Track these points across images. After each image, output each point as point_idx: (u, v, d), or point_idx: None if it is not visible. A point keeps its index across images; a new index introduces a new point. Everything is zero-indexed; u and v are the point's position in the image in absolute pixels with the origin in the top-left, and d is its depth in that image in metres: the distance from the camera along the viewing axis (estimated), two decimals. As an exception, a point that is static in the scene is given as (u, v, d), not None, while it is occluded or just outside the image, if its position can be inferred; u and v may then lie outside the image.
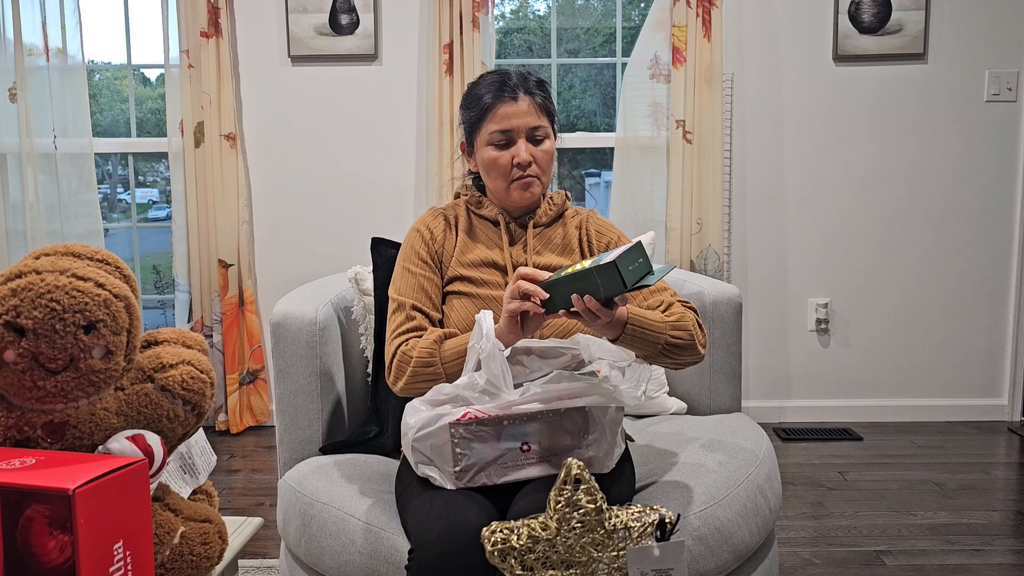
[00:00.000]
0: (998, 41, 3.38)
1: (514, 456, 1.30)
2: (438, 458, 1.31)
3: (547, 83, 1.62)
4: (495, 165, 1.57)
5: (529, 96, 1.55)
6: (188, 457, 1.38)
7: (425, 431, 1.30)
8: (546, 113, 1.58)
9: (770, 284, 3.52)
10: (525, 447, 1.30)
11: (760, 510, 1.54)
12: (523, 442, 1.30)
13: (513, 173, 1.56)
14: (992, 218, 3.47)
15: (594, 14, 4.01)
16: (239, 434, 3.43)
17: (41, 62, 3.32)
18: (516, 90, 1.55)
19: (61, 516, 0.92)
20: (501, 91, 1.55)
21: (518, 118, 1.54)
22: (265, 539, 2.39)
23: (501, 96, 1.55)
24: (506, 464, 1.30)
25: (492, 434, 1.29)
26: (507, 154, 1.55)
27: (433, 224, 1.65)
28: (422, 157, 3.45)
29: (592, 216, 1.71)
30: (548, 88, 1.62)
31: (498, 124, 1.55)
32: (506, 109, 1.54)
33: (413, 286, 1.58)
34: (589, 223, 1.68)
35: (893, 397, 3.56)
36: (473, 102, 1.59)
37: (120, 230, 3.94)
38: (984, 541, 2.37)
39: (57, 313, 1.05)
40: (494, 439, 1.29)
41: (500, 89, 1.55)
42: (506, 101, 1.54)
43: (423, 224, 1.65)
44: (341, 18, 3.36)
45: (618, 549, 1.18)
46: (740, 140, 3.44)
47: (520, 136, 1.55)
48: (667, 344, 1.43)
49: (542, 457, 1.31)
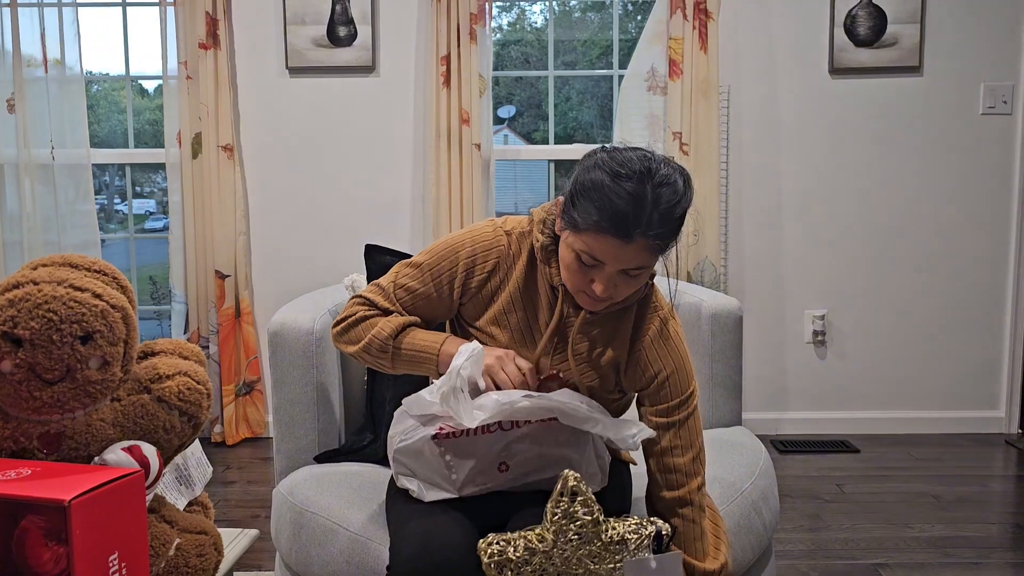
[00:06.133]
0: (993, 54, 3.40)
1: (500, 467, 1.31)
2: (425, 470, 1.31)
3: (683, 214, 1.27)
4: (570, 271, 1.30)
5: (646, 240, 1.22)
6: (184, 468, 1.38)
7: (406, 443, 1.30)
8: (660, 251, 1.27)
9: (767, 296, 3.52)
10: (503, 467, 1.31)
11: (754, 527, 1.53)
12: (501, 461, 1.30)
13: (584, 287, 1.30)
14: (988, 230, 3.48)
15: (591, 27, 4.02)
16: (235, 446, 3.42)
17: (40, 73, 3.32)
18: (632, 232, 1.21)
19: (56, 527, 0.92)
20: (618, 223, 1.21)
21: (619, 259, 1.24)
22: (261, 551, 2.38)
23: (613, 230, 1.22)
24: (503, 469, 1.30)
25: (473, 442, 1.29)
26: (588, 274, 1.28)
27: (482, 262, 1.40)
28: (419, 169, 3.46)
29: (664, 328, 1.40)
30: (680, 223, 1.27)
31: (592, 251, 1.24)
32: (611, 246, 1.23)
33: (407, 299, 1.41)
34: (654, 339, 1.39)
35: (890, 409, 3.55)
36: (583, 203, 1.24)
37: (117, 241, 3.94)
38: (981, 554, 2.37)
39: (54, 324, 1.05)
40: (477, 446, 1.29)
41: (619, 221, 1.21)
42: (615, 238, 1.22)
43: (470, 251, 1.40)
44: (339, 30, 3.37)
45: (615, 561, 1.17)
46: (736, 152, 3.45)
47: (612, 271, 1.26)
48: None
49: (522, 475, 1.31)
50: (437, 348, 1.35)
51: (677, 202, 1.24)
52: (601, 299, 1.30)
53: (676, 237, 1.28)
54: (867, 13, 3.35)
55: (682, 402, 1.39)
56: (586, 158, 1.30)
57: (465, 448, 1.29)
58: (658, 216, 1.22)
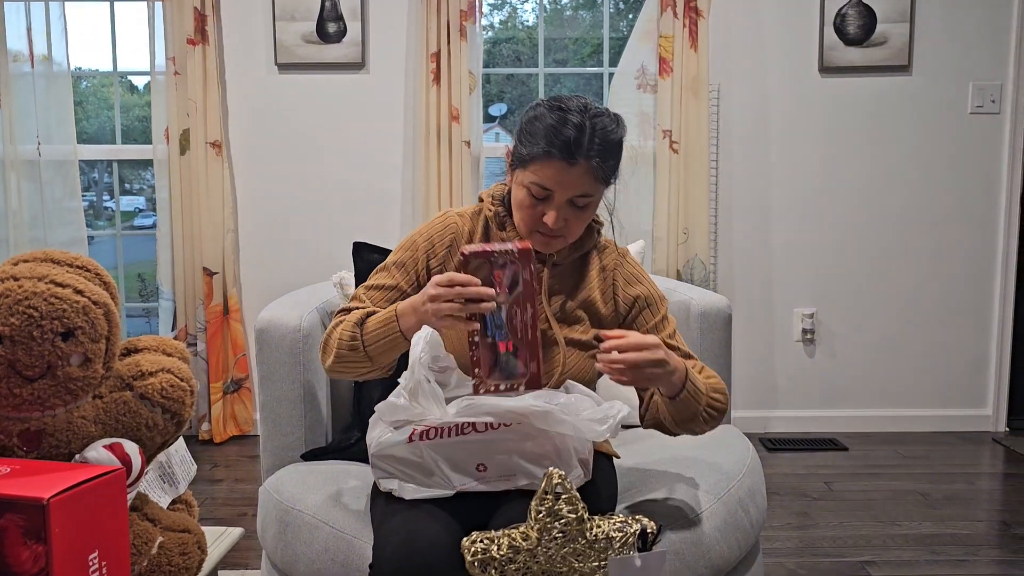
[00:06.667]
0: (982, 54, 3.41)
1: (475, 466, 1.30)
2: (404, 472, 1.30)
3: (620, 141, 1.40)
4: (522, 210, 1.40)
5: (588, 163, 1.34)
6: (168, 466, 1.36)
7: (383, 448, 1.30)
8: (604, 181, 1.38)
9: (756, 294, 3.53)
10: (481, 468, 1.30)
11: (740, 524, 1.53)
12: (479, 463, 1.30)
13: (538, 226, 1.39)
14: (976, 229, 3.49)
15: (582, 25, 4.02)
16: (223, 443, 3.40)
17: (26, 68, 3.30)
18: (576, 154, 1.33)
19: (35, 526, 0.91)
20: (563, 147, 1.33)
21: (566, 185, 1.35)
22: (247, 550, 2.37)
23: (559, 153, 1.33)
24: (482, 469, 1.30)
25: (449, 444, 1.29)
26: (539, 209, 1.38)
27: (440, 241, 1.49)
28: (408, 166, 3.45)
29: (623, 261, 1.52)
30: (619, 149, 1.40)
31: (540, 179, 1.35)
32: (557, 170, 1.34)
33: (380, 297, 1.47)
34: (618, 271, 1.51)
35: (878, 407, 3.57)
36: (529, 138, 1.37)
37: (105, 238, 3.91)
38: (968, 551, 2.38)
39: (35, 320, 1.04)
40: (453, 448, 1.29)
41: (563, 144, 1.33)
42: (560, 162, 1.33)
43: (428, 236, 1.50)
44: (328, 26, 3.36)
45: (599, 559, 1.17)
46: (726, 150, 3.46)
47: (561, 200, 1.36)
48: (707, 408, 1.37)
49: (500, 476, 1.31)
50: (394, 310, 1.37)
51: (614, 129, 1.38)
52: (554, 234, 1.39)
53: (616, 169, 1.41)
54: (857, 12, 3.36)
55: (664, 317, 1.49)
56: (529, 109, 1.43)
57: (441, 450, 1.29)
58: (598, 141, 1.35)
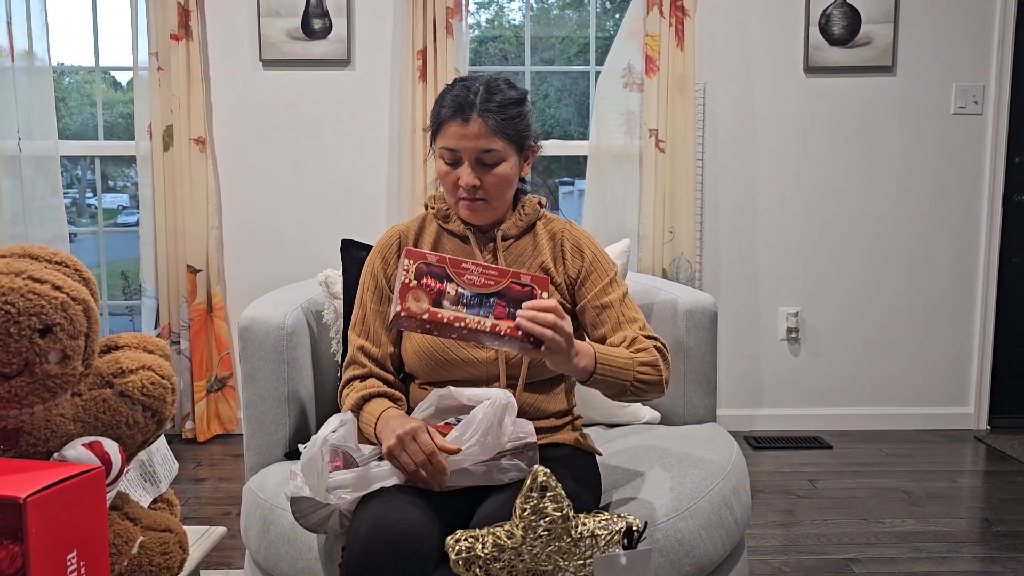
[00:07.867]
0: (965, 55, 3.43)
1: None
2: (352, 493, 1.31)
3: (516, 101, 1.49)
4: (443, 179, 1.51)
5: (482, 118, 1.44)
6: (149, 465, 1.35)
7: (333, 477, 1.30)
8: (502, 135, 1.45)
9: (741, 293, 3.54)
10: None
11: (725, 522, 1.53)
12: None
13: (459, 192, 1.49)
14: (959, 229, 3.51)
15: (569, 24, 4.02)
16: (207, 442, 3.38)
17: (7, 63, 3.26)
18: (470, 110, 1.44)
19: (12, 525, 0.90)
20: (456, 108, 1.45)
21: (466, 140, 1.44)
22: (231, 549, 2.35)
23: (454, 114, 1.45)
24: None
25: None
26: (455, 174, 1.48)
27: (388, 249, 1.58)
28: (394, 163, 3.44)
29: (569, 228, 1.60)
30: (515, 107, 1.48)
31: (446, 142, 1.47)
32: (456, 129, 1.45)
33: (360, 321, 1.55)
34: (565, 235, 1.58)
35: (862, 406, 3.58)
36: (434, 111, 1.51)
37: (88, 235, 3.88)
38: (951, 548, 2.39)
39: (12, 316, 1.02)
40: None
41: (457, 106, 1.45)
42: (456, 121, 1.45)
43: (377, 250, 1.58)
44: (314, 22, 3.34)
45: (584, 557, 1.17)
46: (712, 149, 3.46)
47: (467, 159, 1.46)
48: (635, 382, 1.38)
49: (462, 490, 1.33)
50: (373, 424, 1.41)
51: (506, 89, 1.48)
52: (475, 196, 1.47)
53: (520, 127, 1.48)
54: (841, 12, 3.37)
55: (612, 280, 1.53)
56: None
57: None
58: (489, 97, 1.45)
